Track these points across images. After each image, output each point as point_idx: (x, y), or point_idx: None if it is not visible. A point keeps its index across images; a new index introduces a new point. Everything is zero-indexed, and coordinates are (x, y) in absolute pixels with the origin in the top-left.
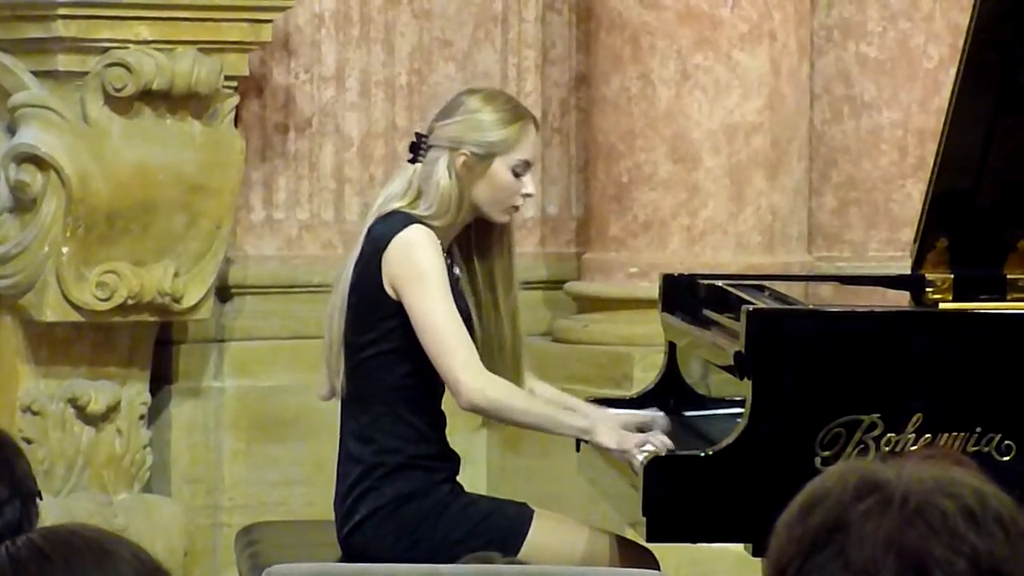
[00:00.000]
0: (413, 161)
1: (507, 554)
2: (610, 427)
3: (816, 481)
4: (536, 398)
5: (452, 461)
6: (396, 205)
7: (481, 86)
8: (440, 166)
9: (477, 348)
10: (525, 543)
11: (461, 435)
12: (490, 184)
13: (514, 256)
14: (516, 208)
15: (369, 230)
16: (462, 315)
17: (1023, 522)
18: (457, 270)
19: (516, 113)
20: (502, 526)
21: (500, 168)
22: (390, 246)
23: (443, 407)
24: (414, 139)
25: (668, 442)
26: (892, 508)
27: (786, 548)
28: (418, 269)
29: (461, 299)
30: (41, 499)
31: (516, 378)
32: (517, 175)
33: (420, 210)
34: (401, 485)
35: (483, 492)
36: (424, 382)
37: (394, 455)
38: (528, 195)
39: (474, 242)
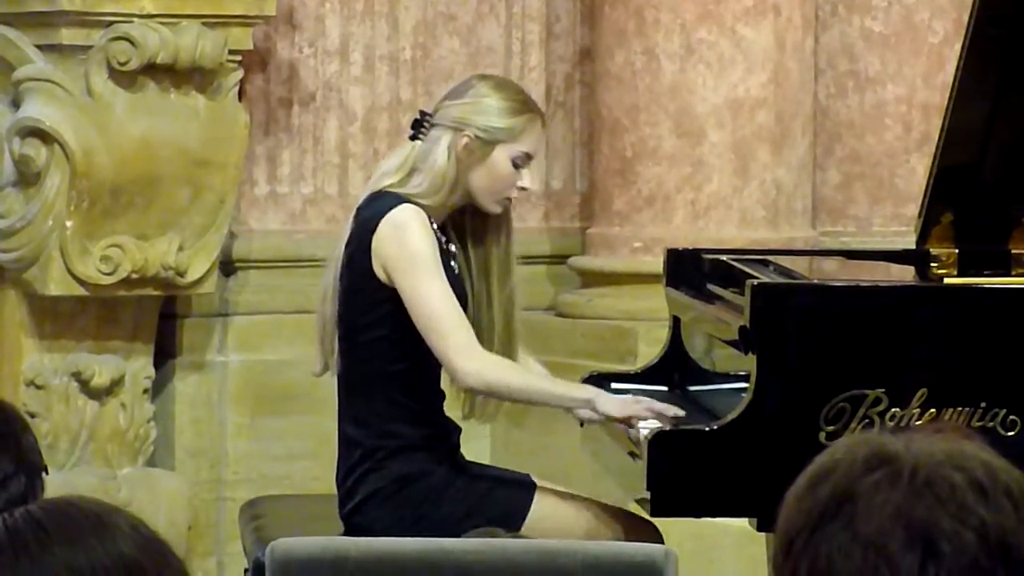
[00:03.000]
0: (414, 138)
1: (510, 530)
2: (611, 397)
3: (825, 453)
4: (533, 375)
5: (451, 437)
6: (387, 182)
7: (493, 73)
8: (441, 145)
9: None
10: (528, 518)
11: (453, 410)
12: (488, 171)
13: (512, 244)
14: (509, 200)
15: (358, 211)
16: (457, 296)
17: None
18: (453, 247)
19: (526, 105)
20: (504, 502)
21: (501, 156)
22: (379, 228)
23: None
24: (417, 116)
25: (676, 410)
26: (901, 480)
27: (795, 519)
28: (409, 251)
29: (457, 279)
30: (47, 474)
31: None
32: (516, 167)
33: (410, 187)
34: (401, 467)
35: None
36: (420, 365)
37: (392, 439)
38: (524, 188)
39: (470, 228)
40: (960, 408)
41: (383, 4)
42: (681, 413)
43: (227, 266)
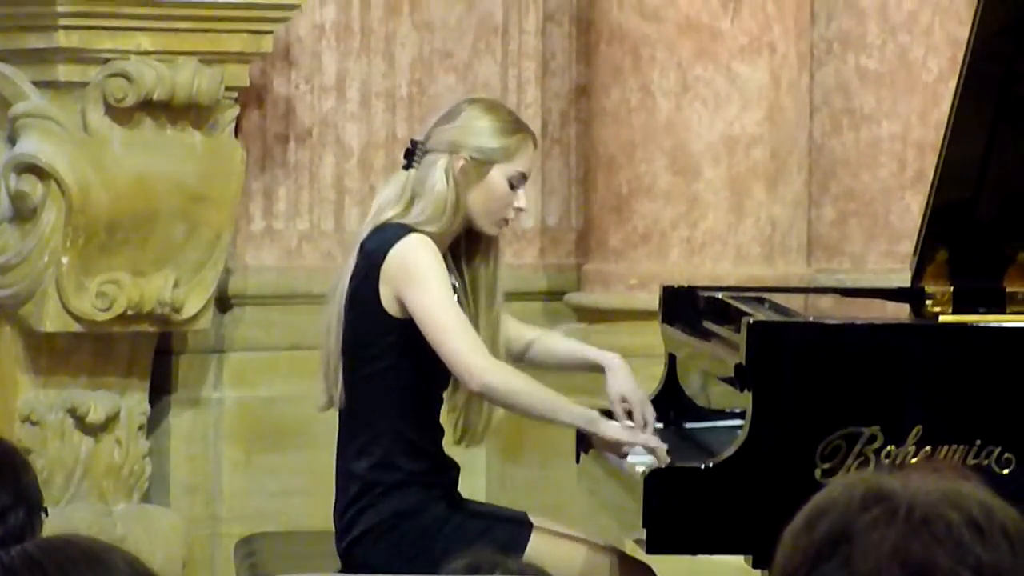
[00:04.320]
0: (407, 167)
1: None
2: (614, 423)
3: (822, 492)
4: (541, 385)
5: (449, 473)
6: (390, 214)
7: (482, 96)
8: (438, 169)
9: None
10: (524, 556)
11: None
12: (485, 192)
13: (499, 269)
14: (506, 221)
15: (363, 244)
16: None
17: None
18: (454, 280)
19: (518, 125)
20: (500, 540)
21: (497, 176)
22: (387, 259)
23: (440, 420)
24: (409, 146)
25: (662, 455)
26: (898, 518)
27: (792, 558)
28: (418, 270)
29: (463, 309)
30: (47, 515)
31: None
32: (512, 187)
33: (413, 215)
34: (399, 503)
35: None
36: (423, 397)
37: (391, 472)
38: (520, 209)
39: (463, 252)
40: (955, 446)
41: (379, 41)
42: (664, 462)
43: (223, 302)
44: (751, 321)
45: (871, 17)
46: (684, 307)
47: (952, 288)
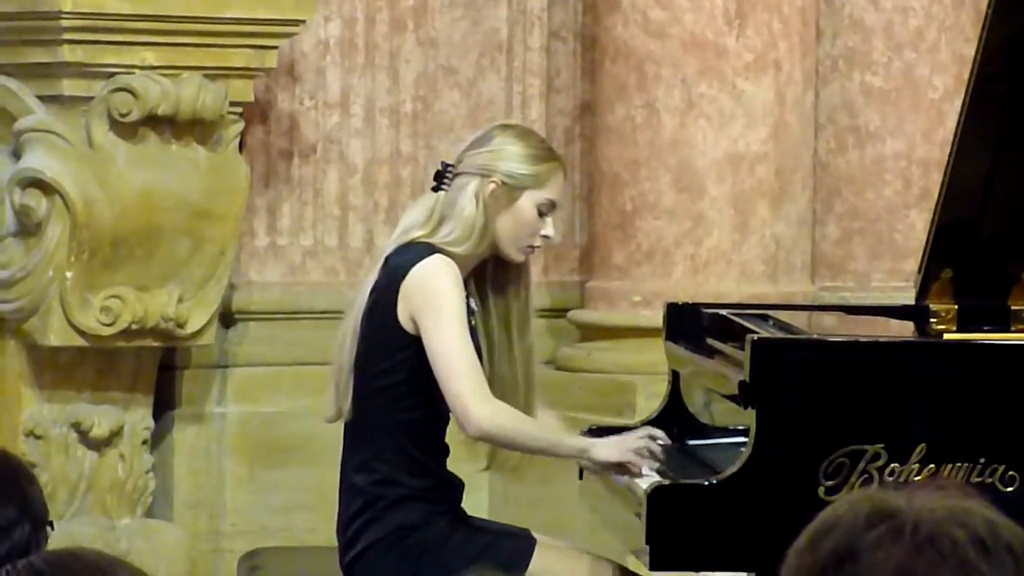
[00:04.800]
0: (436, 189)
1: None
2: (605, 443)
3: (828, 509)
4: (537, 424)
5: (454, 491)
6: (417, 234)
7: (514, 122)
8: (468, 191)
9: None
10: (527, 571)
11: (464, 462)
12: (514, 218)
13: (531, 296)
14: (532, 249)
15: (387, 260)
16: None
17: None
18: (472, 303)
19: (550, 154)
20: (504, 556)
21: (527, 203)
22: (409, 276)
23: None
24: (439, 167)
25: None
26: (903, 536)
27: (797, 575)
28: (436, 297)
29: (473, 335)
30: (53, 529)
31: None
32: (541, 214)
33: (441, 236)
34: (402, 517)
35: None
36: (430, 415)
37: (396, 487)
38: (547, 237)
39: (491, 280)
40: (959, 464)
41: (384, 57)
42: (653, 469)
43: (227, 318)
44: (755, 338)
45: (876, 35)
46: (688, 324)
47: (957, 306)
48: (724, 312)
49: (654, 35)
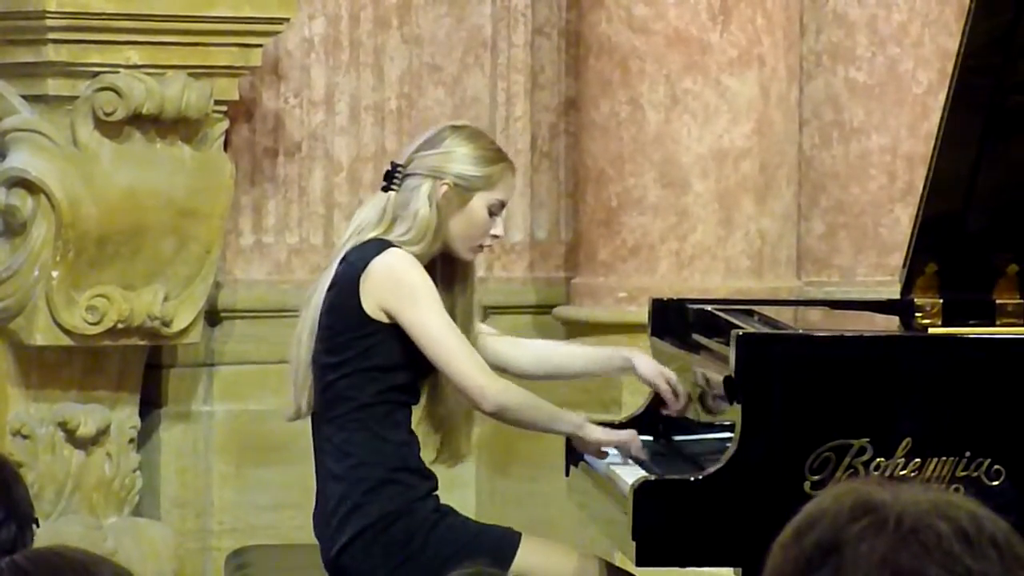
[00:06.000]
0: (386, 189)
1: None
2: (597, 426)
3: (812, 502)
4: (536, 396)
5: (431, 479)
6: (372, 233)
7: (464, 123)
8: (421, 193)
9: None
10: (513, 564)
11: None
12: (466, 218)
13: (476, 292)
14: (482, 248)
15: (344, 256)
16: None
17: (1018, 545)
18: None
19: (500, 155)
20: (491, 546)
21: (478, 204)
22: (369, 269)
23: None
24: (388, 168)
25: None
26: (887, 529)
27: (781, 569)
28: (409, 287)
29: None
30: (38, 526)
31: (469, 414)
32: (491, 214)
33: (396, 235)
34: (385, 503)
35: (471, 517)
36: (397, 401)
37: (374, 468)
38: (496, 236)
39: (439, 277)
40: (945, 457)
41: (368, 55)
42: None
43: (213, 316)
44: (740, 333)
45: (860, 30)
46: (673, 320)
47: (942, 300)
48: (709, 308)
49: (638, 31)
